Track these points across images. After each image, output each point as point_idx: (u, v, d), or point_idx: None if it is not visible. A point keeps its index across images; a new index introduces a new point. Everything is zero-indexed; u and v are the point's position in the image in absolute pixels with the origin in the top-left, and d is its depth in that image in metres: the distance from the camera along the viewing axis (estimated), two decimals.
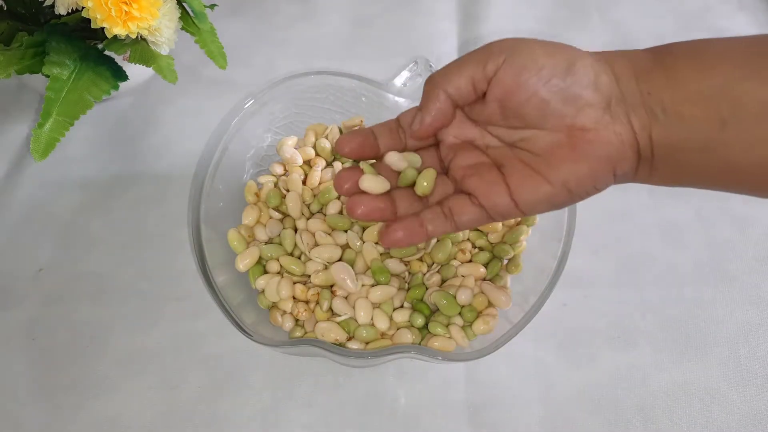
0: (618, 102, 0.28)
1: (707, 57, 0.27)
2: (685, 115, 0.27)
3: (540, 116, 0.29)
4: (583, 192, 0.30)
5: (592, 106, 0.28)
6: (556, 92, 0.28)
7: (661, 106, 0.27)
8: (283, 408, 0.43)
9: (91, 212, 0.51)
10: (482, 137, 0.33)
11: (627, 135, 0.28)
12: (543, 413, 0.42)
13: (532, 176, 0.30)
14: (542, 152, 0.30)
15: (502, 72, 0.29)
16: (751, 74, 0.26)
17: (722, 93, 0.26)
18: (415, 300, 0.42)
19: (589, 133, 0.28)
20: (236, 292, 0.41)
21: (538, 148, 0.30)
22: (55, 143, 0.42)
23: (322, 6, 0.64)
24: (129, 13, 0.41)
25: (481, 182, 0.31)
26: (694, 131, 0.27)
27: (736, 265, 0.48)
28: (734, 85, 0.26)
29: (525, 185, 0.30)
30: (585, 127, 0.28)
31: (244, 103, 0.45)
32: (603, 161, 0.29)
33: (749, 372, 0.43)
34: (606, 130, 0.28)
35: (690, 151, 0.27)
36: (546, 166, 0.29)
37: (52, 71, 0.42)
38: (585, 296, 0.47)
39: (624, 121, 0.28)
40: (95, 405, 0.43)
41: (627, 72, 0.28)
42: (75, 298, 0.47)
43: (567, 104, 0.28)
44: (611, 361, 0.44)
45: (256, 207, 0.45)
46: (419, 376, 0.44)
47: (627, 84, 0.28)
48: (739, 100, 0.26)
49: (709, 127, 0.27)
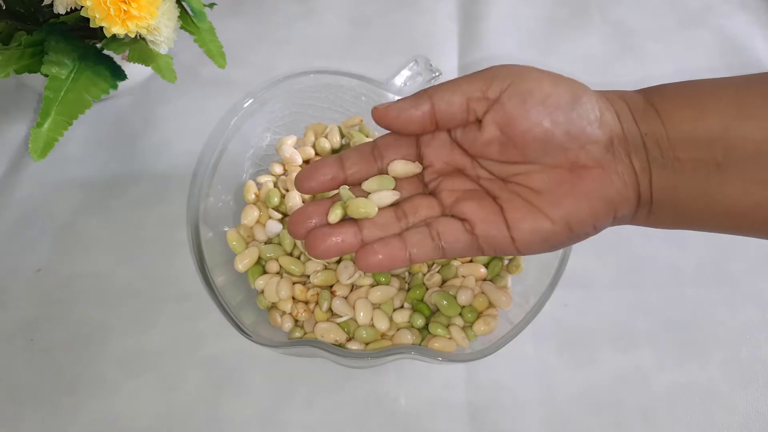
0: (620, 141, 0.27)
1: (699, 99, 0.27)
2: (682, 158, 0.26)
3: (541, 149, 0.27)
4: (582, 233, 0.28)
5: (596, 143, 0.27)
6: (561, 124, 0.27)
7: (658, 149, 0.27)
8: (282, 409, 0.42)
9: (90, 212, 0.51)
10: (473, 168, 0.30)
11: (629, 176, 0.27)
12: (544, 414, 0.42)
13: (532, 212, 0.28)
14: (542, 188, 0.28)
15: (506, 96, 0.27)
16: (743, 115, 0.25)
17: (716, 135, 0.26)
18: (416, 300, 0.41)
19: (592, 171, 0.27)
20: (235, 293, 0.41)
21: (537, 184, 0.28)
22: (54, 143, 0.42)
23: (322, 5, 0.64)
24: (128, 12, 0.41)
25: (478, 208, 0.29)
26: (690, 175, 0.26)
27: (738, 266, 0.48)
28: (728, 127, 0.25)
29: (525, 220, 0.28)
30: (587, 164, 0.27)
31: (244, 103, 0.45)
32: (605, 201, 0.27)
33: (751, 373, 0.43)
34: (609, 169, 0.27)
35: (688, 196, 0.27)
36: (546, 202, 0.28)
37: (51, 70, 0.42)
38: (586, 297, 0.47)
39: (626, 162, 0.27)
40: (94, 405, 0.43)
41: (625, 111, 0.28)
42: (74, 299, 0.47)
43: (571, 138, 0.27)
44: (612, 361, 0.44)
45: (255, 207, 0.45)
46: (419, 377, 0.44)
47: (627, 123, 0.27)
48: (733, 142, 0.25)
49: (705, 171, 0.26)
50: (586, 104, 0.27)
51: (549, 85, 0.27)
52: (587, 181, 0.27)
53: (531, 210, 0.28)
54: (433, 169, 0.31)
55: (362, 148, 0.31)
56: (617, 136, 0.27)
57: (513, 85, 0.27)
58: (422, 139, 0.31)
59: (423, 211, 0.30)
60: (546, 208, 0.28)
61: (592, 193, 0.27)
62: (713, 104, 0.26)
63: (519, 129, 0.27)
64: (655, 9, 0.64)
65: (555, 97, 0.27)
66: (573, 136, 0.27)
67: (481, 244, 0.28)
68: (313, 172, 0.30)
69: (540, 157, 0.28)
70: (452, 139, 0.30)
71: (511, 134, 0.28)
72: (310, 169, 0.30)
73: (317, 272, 0.41)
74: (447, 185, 0.30)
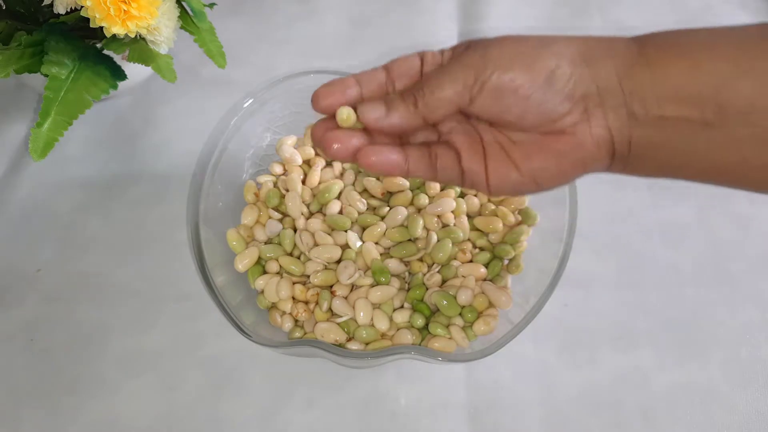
0: (596, 105, 0.28)
1: (694, 51, 0.26)
2: (668, 116, 0.26)
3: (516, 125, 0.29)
4: (551, 186, 0.30)
5: (568, 115, 0.28)
6: (534, 107, 0.28)
7: (642, 107, 0.27)
8: (282, 409, 0.42)
9: (90, 212, 0.51)
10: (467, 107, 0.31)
11: (603, 137, 0.28)
12: (544, 414, 0.42)
13: (505, 162, 0.30)
14: (518, 141, 0.29)
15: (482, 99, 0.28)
16: (738, 73, 0.25)
17: (709, 93, 0.25)
18: (416, 300, 0.41)
19: (563, 137, 0.28)
20: (235, 293, 0.41)
21: (515, 136, 0.30)
22: (54, 143, 0.42)
23: (322, 5, 0.64)
24: (128, 12, 0.41)
25: (467, 144, 0.30)
26: (675, 132, 0.27)
27: (738, 266, 0.48)
28: (722, 85, 0.25)
29: (498, 169, 0.30)
30: (560, 130, 0.28)
31: (244, 103, 0.45)
32: (574, 162, 0.29)
33: (751, 372, 0.43)
34: (581, 133, 0.28)
35: (670, 152, 0.27)
36: (519, 154, 0.29)
37: (51, 70, 0.42)
38: (586, 297, 0.47)
39: (601, 124, 0.28)
40: (94, 405, 0.43)
41: (608, 68, 0.28)
42: (74, 298, 0.47)
43: (543, 117, 0.28)
44: (612, 361, 0.44)
45: (255, 207, 0.45)
46: (419, 377, 0.44)
47: (607, 83, 0.28)
48: (726, 101, 0.25)
49: (691, 129, 0.26)
50: (558, 82, 0.28)
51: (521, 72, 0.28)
52: (558, 144, 0.28)
53: (505, 160, 0.30)
54: None
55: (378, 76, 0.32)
56: (593, 100, 0.28)
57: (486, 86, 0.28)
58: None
59: (423, 134, 0.32)
60: (517, 160, 0.29)
61: (562, 155, 0.28)
62: (708, 59, 0.26)
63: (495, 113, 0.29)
64: (655, 9, 0.64)
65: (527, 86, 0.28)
66: (546, 114, 0.28)
67: (465, 178, 0.31)
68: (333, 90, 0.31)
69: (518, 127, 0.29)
70: None
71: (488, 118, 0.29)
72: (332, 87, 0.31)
73: (317, 272, 0.41)
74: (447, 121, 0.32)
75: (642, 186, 0.52)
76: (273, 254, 0.42)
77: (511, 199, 0.44)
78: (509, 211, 0.43)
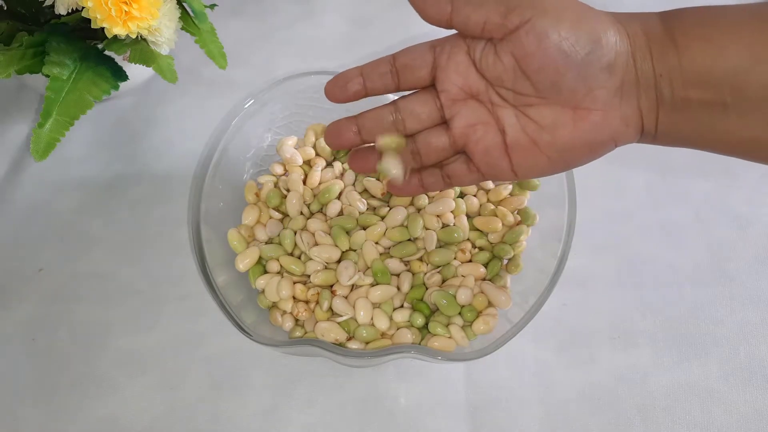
0: (631, 85, 0.28)
1: (718, 35, 0.27)
2: (692, 99, 0.27)
3: (552, 88, 0.28)
4: (579, 164, 0.31)
5: (605, 88, 0.28)
6: (574, 68, 0.27)
7: (670, 89, 0.27)
8: (283, 408, 0.43)
9: (91, 212, 0.51)
10: (487, 92, 0.31)
11: (633, 118, 0.28)
12: (543, 413, 0.42)
13: (532, 149, 0.30)
14: (546, 124, 0.29)
15: (524, 32, 0.27)
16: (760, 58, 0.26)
17: (729, 77, 0.26)
18: (415, 300, 0.42)
19: (594, 114, 0.28)
20: (236, 292, 0.41)
21: (542, 119, 0.29)
22: (55, 143, 0.42)
23: (322, 5, 0.64)
24: (129, 13, 0.41)
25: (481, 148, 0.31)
26: (695, 114, 0.27)
27: (736, 265, 0.48)
28: (742, 68, 0.26)
29: (526, 158, 0.30)
30: (591, 107, 0.28)
31: (244, 103, 0.45)
32: (603, 140, 0.29)
33: (749, 372, 0.43)
34: (612, 112, 0.28)
35: (690, 130, 0.28)
36: (547, 140, 0.29)
37: (52, 71, 0.42)
38: (585, 296, 0.47)
39: (633, 104, 0.28)
40: (95, 405, 0.43)
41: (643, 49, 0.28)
42: (75, 298, 0.47)
43: (582, 82, 0.28)
44: (611, 361, 0.44)
45: (256, 207, 0.45)
46: (419, 376, 0.44)
47: (642, 64, 0.28)
48: (745, 85, 0.26)
49: (710, 111, 0.27)
50: (603, 47, 0.27)
51: (568, 26, 0.27)
52: (587, 123, 0.28)
53: (532, 146, 0.30)
54: (448, 95, 0.32)
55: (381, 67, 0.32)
56: (629, 79, 0.28)
57: (532, 21, 0.27)
58: (438, 61, 0.31)
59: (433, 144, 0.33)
60: (546, 145, 0.30)
61: (592, 134, 0.29)
62: (732, 42, 0.26)
63: (532, 66, 0.28)
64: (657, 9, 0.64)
65: (572, 41, 0.27)
66: (584, 80, 0.28)
67: (484, 177, 0.33)
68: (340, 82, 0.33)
69: (549, 94, 0.29)
70: (470, 59, 0.31)
71: (524, 69, 0.29)
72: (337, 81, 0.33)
73: (317, 272, 0.42)
74: (460, 119, 0.32)
75: (641, 186, 0.52)
76: (274, 254, 0.43)
77: (510, 199, 0.44)
78: (508, 211, 0.44)
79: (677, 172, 0.52)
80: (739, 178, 0.52)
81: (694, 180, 0.52)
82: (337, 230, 0.43)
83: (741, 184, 0.51)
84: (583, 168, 0.32)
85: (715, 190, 0.51)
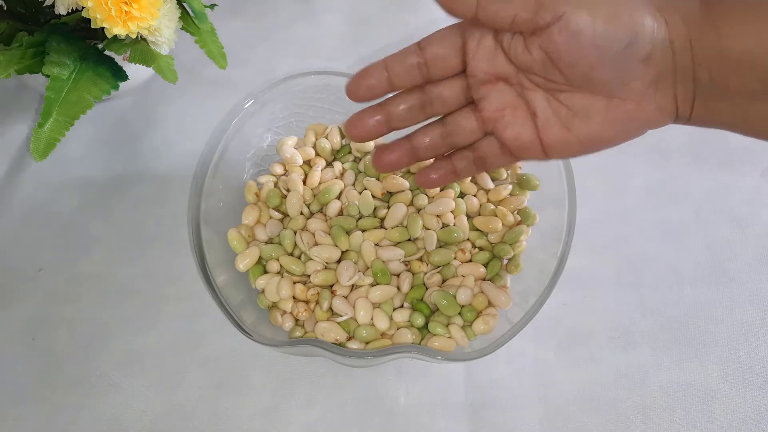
0: (667, 74, 0.27)
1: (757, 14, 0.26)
2: (731, 86, 0.27)
3: (584, 79, 0.28)
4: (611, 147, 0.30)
5: (640, 80, 0.27)
6: (609, 63, 0.27)
7: (708, 77, 0.27)
8: (283, 408, 0.43)
9: (91, 212, 0.51)
10: (516, 76, 0.30)
11: (668, 106, 0.28)
12: (543, 413, 0.42)
13: (564, 132, 0.29)
14: (578, 110, 0.29)
15: (556, 29, 0.26)
16: None
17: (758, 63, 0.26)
18: (415, 300, 0.42)
19: (629, 103, 0.28)
20: (236, 292, 0.41)
21: (574, 105, 0.29)
22: (55, 143, 0.42)
23: (322, 5, 0.64)
24: (129, 13, 0.41)
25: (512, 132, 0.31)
26: (736, 100, 0.27)
27: (736, 265, 0.48)
28: None
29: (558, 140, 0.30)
30: (626, 97, 0.28)
31: (244, 103, 0.45)
32: (636, 128, 0.29)
33: (749, 371, 0.43)
34: (647, 102, 0.28)
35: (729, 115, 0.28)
36: (579, 125, 0.29)
37: (52, 71, 0.42)
38: (585, 296, 0.47)
39: (669, 93, 0.28)
40: (95, 405, 0.43)
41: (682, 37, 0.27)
42: (75, 298, 0.47)
43: (616, 75, 0.27)
44: (611, 360, 0.44)
45: (256, 207, 0.45)
46: (419, 376, 0.44)
47: (680, 53, 0.27)
48: None
49: (746, 98, 0.27)
50: (641, 41, 0.26)
51: (604, 21, 0.26)
52: (621, 111, 0.28)
53: (563, 130, 0.30)
54: (476, 79, 0.31)
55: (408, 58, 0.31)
56: (666, 69, 0.27)
57: (565, 18, 0.26)
58: (467, 49, 0.31)
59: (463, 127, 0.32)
60: (577, 130, 0.29)
61: (625, 122, 0.28)
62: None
63: (565, 62, 0.27)
64: None
65: (607, 38, 0.26)
66: (619, 73, 0.27)
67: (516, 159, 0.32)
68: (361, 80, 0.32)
69: (582, 85, 0.28)
70: (498, 44, 0.30)
71: (556, 63, 0.28)
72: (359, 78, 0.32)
73: (317, 272, 0.42)
74: (489, 102, 0.31)
75: (641, 186, 0.52)
76: (274, 254, 0.43)
77: (510, 199, 0.44)
78: (508, 211, 0.44)
79: (677, 173, 0.52)
80: (739, 178, 0.52)
81: (694, 180, 0.52)
82: (337, 230, 0.43)
83: (741, 184, 0.51)
84: (583, 168, 0.32)
85: (715, 190, 0.51)
